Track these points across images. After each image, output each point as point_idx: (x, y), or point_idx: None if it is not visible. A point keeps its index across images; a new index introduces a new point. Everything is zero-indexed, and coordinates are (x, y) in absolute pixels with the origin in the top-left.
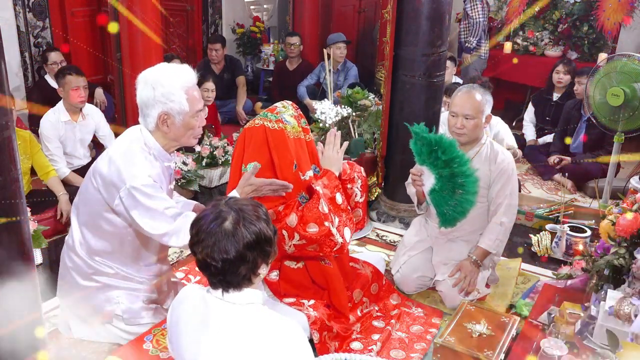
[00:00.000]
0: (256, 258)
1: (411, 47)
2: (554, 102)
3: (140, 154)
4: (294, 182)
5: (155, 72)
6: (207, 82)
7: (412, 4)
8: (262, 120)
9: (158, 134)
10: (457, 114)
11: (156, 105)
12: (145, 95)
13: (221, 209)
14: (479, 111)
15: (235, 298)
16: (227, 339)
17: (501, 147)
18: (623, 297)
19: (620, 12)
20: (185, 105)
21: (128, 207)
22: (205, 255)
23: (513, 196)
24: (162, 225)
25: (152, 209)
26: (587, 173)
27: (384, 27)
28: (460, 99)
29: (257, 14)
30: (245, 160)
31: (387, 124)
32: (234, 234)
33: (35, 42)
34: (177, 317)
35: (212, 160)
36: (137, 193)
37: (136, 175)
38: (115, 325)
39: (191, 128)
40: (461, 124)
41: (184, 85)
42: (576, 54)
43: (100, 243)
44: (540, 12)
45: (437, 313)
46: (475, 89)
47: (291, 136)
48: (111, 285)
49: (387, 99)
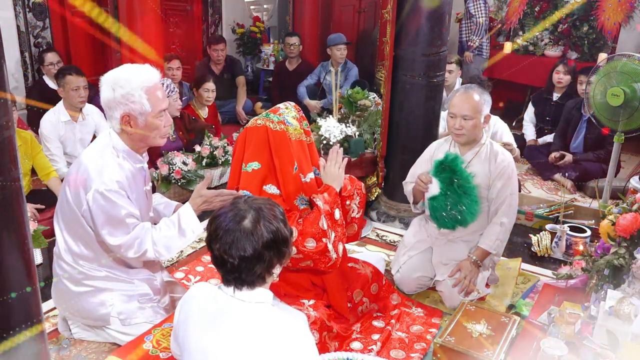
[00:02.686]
0: (272, 258)
1: (411, 47)
2: (554, 102)
3: (109, 157)
4: (294, 183)
5: (115, 73)
6: (207, 82)
7: (412, 4)
8: (264, 120)
9: (124, 136)
10: (456, 114)
11: (118, 107)
12: (106, 96)
13: (240, 207)
14: (477, 111)
15: (247, 296)
16: (236, 336)
17: (501, 148)
18: (623, 297)
19: (620, 12)
20: (146, 105)
21: (93, 212)
22: (222, 252)
23: (513, 196)
24: (119, 236)
25: (112, 216)
26: (587, 173)
27: (384, 27)
28: (458, 99)
29: (257, 14)
30: (245, 159)
31: (387, 124)
32: (253, 232)
33: (35, 42)
34: (186, 313)
35: (212, 160)
36: (101, 198)
37: (103, 180)
38: (113, 327)
39: (156, 128)
40: (460, 124)
41: (144, 85)
42: (576, 54)
43: (82, 248)
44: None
45: (437, 313)
46: (472, 89)
47: (293, 138)
48: (103, 289)
49: (387, 99)
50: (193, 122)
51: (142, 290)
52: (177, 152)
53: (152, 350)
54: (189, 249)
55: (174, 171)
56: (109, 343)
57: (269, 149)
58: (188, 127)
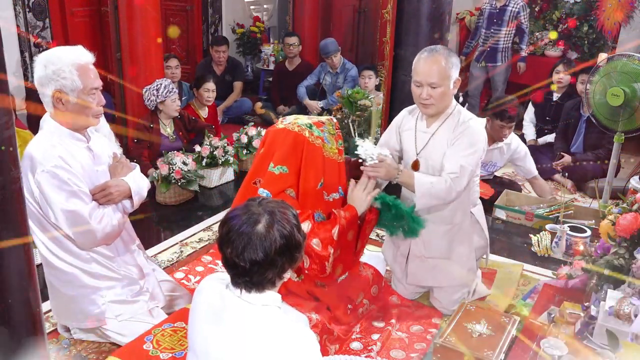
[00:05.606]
0: (284, 263)
1: (411, 47)
2: (554, 102)
3: (48, 139)
4: (314, 198)
5: (48, 52)
6: (208, 82)
7: (412, 4)
8: (305, 129)
9: (59, 115)
10: (422, 83)
11: (49, 84)
12: (39, 74)
13: (253, 211)
14: (446, 77)
15: (254, 299)
16: (239, 337)
17: (473, 116)
18: (623, 297)
19: (620, 12)
20: (77, 82)
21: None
22: (234, 255)
23: (468, 159)
24: (80, 205)
25: (66, 190)
26: (587, 173)
27: (384, 27)
28: (424, 65)
29: (257, 14)
30: (275, 160)
31: (387, 124)
32: (266, 237)
33: (35, 42)
34: (194, 305)
35: (212, 160)
36: (49, 176)
37: (46, 158)
38: (110, 328)
39: (87, 107)
40: (427, 93)
41: (75, 62)
42: (576, 54)
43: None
44: (540, 11)
45: (437, 313)
46: (438, 52)
47: (326, 155)
48: (92, 287)
49: (387, 99)
50: (193, 122)
51: (131, 284)
52: (177, 152)
53: (152, 351)
54: (189, 249)
55: (174, 171)
56: (109, 343)
57: (301, 159)
58: (188, 127)
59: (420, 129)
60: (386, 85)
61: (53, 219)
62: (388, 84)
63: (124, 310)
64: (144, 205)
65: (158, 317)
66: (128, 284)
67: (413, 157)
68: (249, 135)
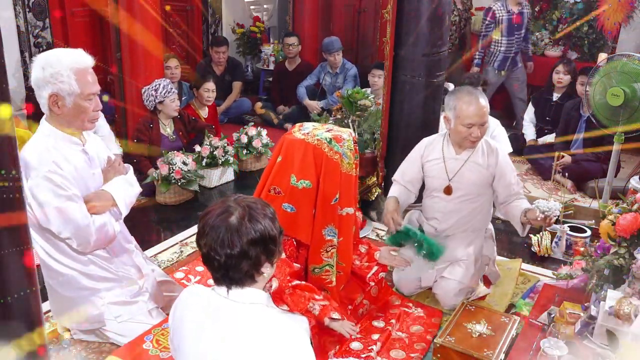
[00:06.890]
0: (259, 255)
1: (411, 47)
2: (554, 102)
3: (42, 143)
4: (330, 213)
5: (46, 54)
6: (208, 82)
7: (412, 4)
8: (324, 144)
9: (53, 118)
10: (474, 124)
11: (46, 86)
12: (36, 76)
13: (229, 205)
14: (487, 114)
15: (239, 296)
16: (230, 337)
17: (487, 137)
18: (623, 297)
19: (620, 12)
20: (74, 86)
21: (38, 197)
22: (209, 249)
23: (517, 179)
24: (73, 208)
25: (59, 194)
26: (587, 173)
27: (384, 27)
28: (476, 110)
29: (257, 14)
30: (297, 174)
31: (387, 124)
32: (238, 229)
33: (35, 42)
34: (180, 314)
35: (212, 160)
36: (44, 180)
37: (41, 163)
38: (109, 329)
39: (83, 112)
40: (479, 132)
41: (73, 66)
42: (576, 54)
43: (57, 249)
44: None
45: (437, 313)
46: (477, 94)
47: (344, 170)
48: (91, 289)
49: (387, 99)
50: (193, 122)
51: (130, 285)
52: (177, 152)
53: (152, 350)
54: (189, 249)
55: (174, 171)
56: (109, 343)
57: (320, 172)
58: (188, 127)
59: (449, 156)
60: (386, 85)
61: (47, 223)
62: (388, 84)
63: (124, 312)
64: (144, 206)
65: (157, 318)
66: (127, 284)
67: (445, 183)
68: (249, 135)
